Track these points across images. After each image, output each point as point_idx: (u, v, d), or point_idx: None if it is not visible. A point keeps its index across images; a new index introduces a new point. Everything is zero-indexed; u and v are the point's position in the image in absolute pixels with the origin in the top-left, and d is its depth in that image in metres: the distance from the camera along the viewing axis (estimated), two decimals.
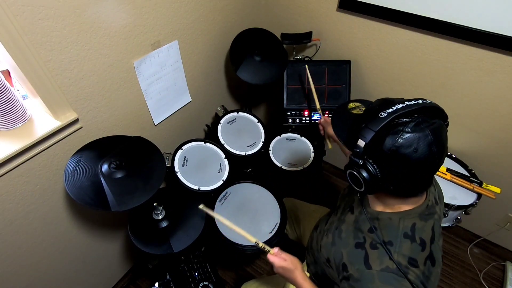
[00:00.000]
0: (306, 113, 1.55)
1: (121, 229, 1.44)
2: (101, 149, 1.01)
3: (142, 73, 1.14)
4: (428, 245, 0.70)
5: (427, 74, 1.39)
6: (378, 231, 0.73)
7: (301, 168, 1.43)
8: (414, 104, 0.63)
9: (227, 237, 1.18)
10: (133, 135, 1.11)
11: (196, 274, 1.39)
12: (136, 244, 1.09)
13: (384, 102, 0.66)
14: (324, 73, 1.55)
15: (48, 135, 0.92)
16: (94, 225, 1.28)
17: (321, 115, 1.19)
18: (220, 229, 1.20)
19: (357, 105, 0.76)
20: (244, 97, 1.93)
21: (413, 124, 0.60)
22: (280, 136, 1.56)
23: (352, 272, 0.73)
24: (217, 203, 1.29)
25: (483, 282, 1.68)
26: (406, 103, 0.63)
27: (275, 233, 1.20)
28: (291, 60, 1.61)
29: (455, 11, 1.17)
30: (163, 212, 1.16)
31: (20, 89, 0.95)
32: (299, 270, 0.86)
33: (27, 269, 1.10)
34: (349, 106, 0.76)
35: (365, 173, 0.65)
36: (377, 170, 0.64)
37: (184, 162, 1.29)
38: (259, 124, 1.52)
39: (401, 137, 0.60)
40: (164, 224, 1.15)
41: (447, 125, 0.67)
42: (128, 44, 1.05)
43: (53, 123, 0.94)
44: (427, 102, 0.64)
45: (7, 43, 0.75)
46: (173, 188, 1.28)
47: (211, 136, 1.59)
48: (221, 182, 1.28)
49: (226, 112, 1.51)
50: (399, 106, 0.62)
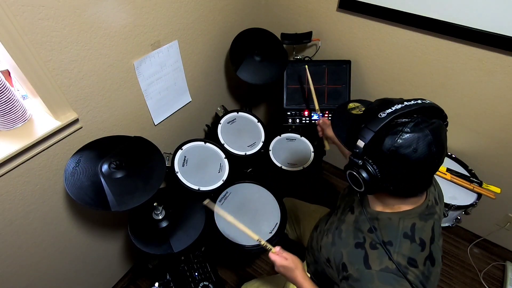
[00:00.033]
0: (306, 113, 1.55)
1: (121, 229, 1.44)
2: (101, 149, 1.01)
3: (142, 73, 1.14)
4: (427, 245, 0.70)
5: (427, 74, 1.39)
6: (377, 231, 0.73)
7: (301, 168, 1.43)
8: (413, 104, 0.62)
9: (227, 237, 1.18)
10: (133, 135, 1.11)
11: (196, 274, 1.39)
12: (136, 244, 1.09)
13: (383, 103, 0.66)
14: (324, 73, 1.55)
15: (48, 135, 0.92)
16: (94, 225, 1.28)
17: (320, 116, 1.19)
18: (220, 229, 1.20)
19: (357, 105, 0.76)
20: (244, 97, 1.93)
21: (412, 124, 0.60)
22: (280, 136, 1.56)
23: (352, 272, 0.73)
24: (217, 203, 1.29)
25: (483, 282, 1.68)
26: (406, 103, 0.63)
27: (275, 233, 1.20)
28: (291, 60, 1.61)
29: (455, 11, 1.17)
30: (163, 212, 1.16)
31: (20, 89, 0.95)
32: (299, 269, 0.86)
33: (27, 269, 1.10)
34: (349, 106, 0.76)
35: (364, 174, 0.65)
36: (377, 171, 0.64)
37: (184, 162, 1.29)
38: (259, 124, 1.52)
39: (400, 137, 0.60)
40: (164, 224, 1.15)
41: (447, 125, 0.67)
42: (128, 44, 1.05)
43: (53, 123, 0.94)
44: (426, 102, 0.64)
45: (7, 43, 0.75)
46: (173, 188, 1.28)
47: (211, 136, 1.59)
48: (221, 182, 1.29)
49: (226, 112, 1.51)
50: (398, 107, 0.62)
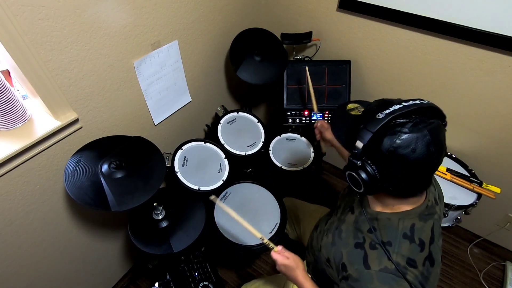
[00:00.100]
0: (306, 113, 1.55)
1: (121, 229, 1.44)
2: (101, 149, 1.01)
3: (142, 73, 1.14)
4: (427, 246, 0.70)
5: (427, 74, 1.39)
6: (377, 232, 0.73)
7: (301, 168, 1.43)
8: (411, 104, 0.63)
9: (227, 237, 1.18)
10: (133, 135, 1.11)
11: (196, 274, 1.39)
12: (136, 244, 1.09)
13: (382, 103, 0.66)
14: (324, 73, 1.54)
15: (48, 135, 0.92)
16: (94, 225, 1.28)
17: (319, 116, 1.18)
18: (220, 230, 1.20)
19: (356, 106, 0.76)
20: (244, 97, 1.93)
21: (410, 124, 0.60)
22: (280, 136, 1.56)
23: (351, 272, 0.73)
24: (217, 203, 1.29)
25: (483, 282, 1.68)
26: (404, 104, 0.63)
27: (275, 233, 1.20)
28: (291, 60, 1.61)
29: (455, 11, 1.17)
30: (163, 212, 1.16)
31: (20, 89, 0.95)
32: (300, 269, 0.87)
33: (27, 269, 1.10)
34: (348, 107, 0.76)
35: (364, 174, 0.65)
36: (376, 171, 0.64)
37: (184, 162, 1.29)
38: (259, 124, 1.52)
39: (399, 137, 0.60)
40: (164, 224, 1.15)
41: (445, 125, 0.67)
42: (128, 44, 1.05)
43: (53, 123, 0.94)
44: (424, 102, 0.64)
45: (7, 43, 0.75)
46: (173, 188, 1.29)
47: (211, 136, 1.59)
48: (221, 182, 1.28)
49: (226, 112, 1.51)
50: (396, 107, 0.62)
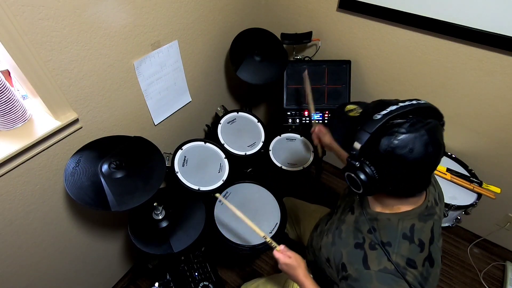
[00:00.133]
0: (306, 113, 1.55)
1: (121, 229, 1.44)
2: (101, 149, 1.01)
3: (142, 73, 1.14)
4: (426, 246, 0.70)
5: (427, 74, 1.39)
6: (377, 232, 0.73)
7: (301, 168, 1.43)
8: (408, 105, 0.63)
9: (227, 237, 1.18)
10: (133, 135, 1.11)
11: (196, 274, 1.39)
12: (136, 244, 1.09)
13: (378, 104, 0.66)
14: (324, 73, 1.54)
15: (48, 135, 0.92)
16: (94, 225, 1.28)
17: (314, 124, 1.20)
18: (220, 229, 1.20)
19: (354, 107, 0.76)
20: (244, 97, 1.93)
21: (408, 124, 0.60)
22: (280, 136, 1.56)
23: (351, 272, 0.73)
24: (217, 203, 1.29)
25: (483, 282, 1.68)
26: (400, 104, 0.63)
27: (275, 233, 1.20)
28: (291, 60, 1.60)
29: (455, 11, 1.17)
30: (163, 212, 1.16)
31: (20, 89, 0.95)
32: (302, 268, 0.88)
33: (27, 269, 1.10)
34: (346, 109, 0.76)
35: (362, 175, 0.65)
36: (374, 172, 0.64)
37: (184, 162, 1.29)
38: (259, 124, 1.52)
39: (396, 138, 0.60)
40: (164, 224, 1.15)
41: (443, 124, 0.67)
42: (128, 44, 1.05)
43: (53, 123, 0.94)
44: (421, 102, 0.64)
45: (7, 43, 0.75)
46: (173, 188, 1.29)
47: (211, 136, 1.59)
48: (221, 182, 1.28)
49: (226, 112, 1.51)
50: (393, 108, 0.63)
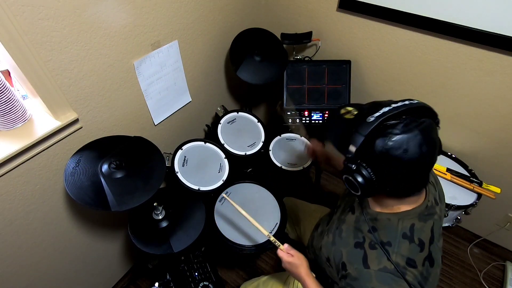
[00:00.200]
0: (306, 113, 1.55)
1: (121, 229, 1.44)
2: (101, 149, 1.01)
3: (142, 73, 1.14)
4: (426, 246, 0.70)
5: (427, 74, 1.39)
6: (376, 232, 0.73)
7: (301, 168, 1.43)
8: (401, 105, 0.63)
9: (227, 237, 1.18)
10: (133, 135, 1.11)
11: (196, 274, 1.39)
12: (136, 244, 1.09)
13: (372, 106, 0.66)
14: (324, 73, 1.55)
15: (48, 135, 0.92)
16: (94, 225, 1.28)
17: (307, 142, 1.21)
18: (220, 229, 1.20)
19: (349, 110, 0.76)
20: (244, 97, 1.93)
21: (401, 125, 0.61)
22: (280, 136, 1.56)
23: (351, 271, 0.73)
24: (217, 203, 1.29)
25: (483, 282, 1.68)
26: (393, 106, 0.63)
27: (275, 233, 1.20)
28: (291, 60, 1.60)
29: (455, 11, 1.17)
30: (163, 212, 1.16)
31: (20, 89, 0.95)
32: (304, 266, 0.89)
33: (27, 269, 1.10)
34: (341, 111, 0.76)
35: (360, 178, 0.65)
36: (371, 174, 0.64)
37: (184, 162, 1.29)
38: (259, 124, 1.52)
39: (390, 139, 0.61)
40: (164, 224, 1.15)
41: (438, 122, 0.67)
42: (128, 44, 1.05)
43: (53, 123, 0.94)
44: (414, 102, 0.64)
45: (7, 43, 0.75)
46: (173, 188, 1.28)
47: (211, 136, 1.59)
48: (221, 182, 1.28)
49: (226, 112, 1.51)
50: (386, 109, 0.63)
